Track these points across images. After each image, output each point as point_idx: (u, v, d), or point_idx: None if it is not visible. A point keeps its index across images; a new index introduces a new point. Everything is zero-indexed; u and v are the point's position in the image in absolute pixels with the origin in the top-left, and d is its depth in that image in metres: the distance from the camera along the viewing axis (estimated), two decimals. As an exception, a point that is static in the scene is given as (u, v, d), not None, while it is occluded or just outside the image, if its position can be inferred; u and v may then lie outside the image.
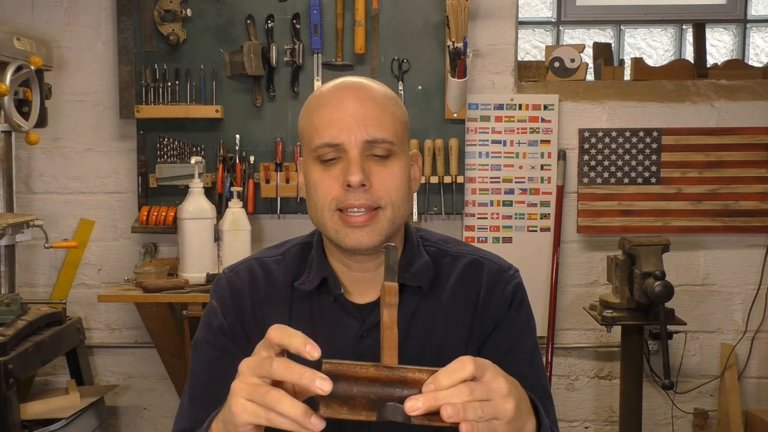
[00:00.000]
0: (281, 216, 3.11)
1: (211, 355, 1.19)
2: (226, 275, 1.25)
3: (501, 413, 0.84)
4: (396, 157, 1.13)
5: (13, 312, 2.43)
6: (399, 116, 1.16)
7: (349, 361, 0.85)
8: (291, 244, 1.27)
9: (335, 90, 1.15)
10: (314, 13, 3.01)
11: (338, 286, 1.18)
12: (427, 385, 0.82)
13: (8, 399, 2.27)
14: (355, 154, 1.10)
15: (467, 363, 0.83)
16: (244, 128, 3.07)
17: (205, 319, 1.23)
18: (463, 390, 0.82)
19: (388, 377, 0.84)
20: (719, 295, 3.24)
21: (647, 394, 3.09)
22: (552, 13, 3.70)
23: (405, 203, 1.15)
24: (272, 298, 1.21)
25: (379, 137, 1.11)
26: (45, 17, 3.12)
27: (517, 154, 3.14)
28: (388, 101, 1.15)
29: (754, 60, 3.72)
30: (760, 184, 3.15)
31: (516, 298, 1.22)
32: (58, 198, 3.18)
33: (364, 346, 1.16)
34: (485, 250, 1.27)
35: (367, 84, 1.16)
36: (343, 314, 1.18)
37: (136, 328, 3.20)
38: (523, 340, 1.21)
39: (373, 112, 1.12)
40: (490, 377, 0.85)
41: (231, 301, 1.21)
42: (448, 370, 0.83)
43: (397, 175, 1.13)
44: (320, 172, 1.13)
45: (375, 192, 1.11)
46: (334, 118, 1.11)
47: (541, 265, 3.17)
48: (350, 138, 1.10)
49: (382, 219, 1.12)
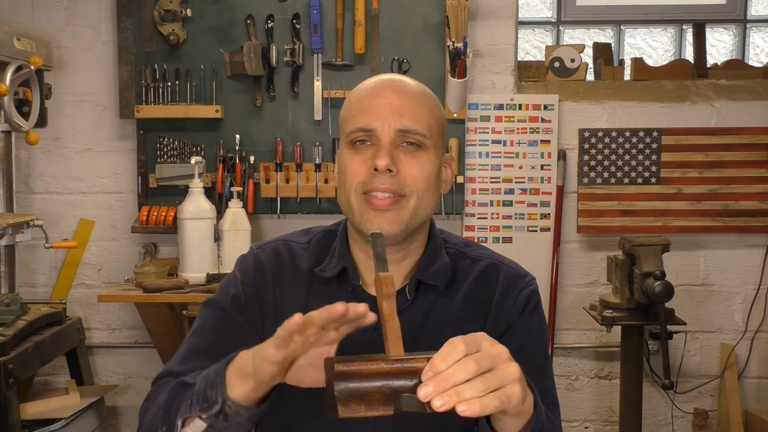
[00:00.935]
0: (281, 216, 3.11)
1: (221, 318, 1.21)
2: (253, 252, 1.28)
3: (508, 376, 0.85)
4: (427, 150, 1.16)
5: (13, 312, 2.42)
6: (435, 114, 1.19)
7: (359, 358, 0.86)
8: (316, 232, 1.30)
9: (377, 82, 1.19)
10: (314, 13, 3.01)
11: (357, 277, 1.21)
12: (426, 372, 0.83)
13: (8, 399, 2.27)
14: (386, 141, 1.14)
15: (458, 343, 0.84)
16: (244, 128, 3.07)
17: (224, 285, 1.26)
18: (469, 363, 0.83)
19: (398, 369, 0.85)
20: (719, 295, 3.24)
21: (647, 394, 3.08)
22: (552, 13, 3.70)
23: (431, 197, 1.17)
24: (293, 280, 1.23)
25: (412, 128, 1.14)
26: (45, 17, 3.12)
27: (517, 154, 3.14)
28: (426, 98, 1.19)
29: (754, 60, 3.72)
30: (760, 184, 3.15)
31: (530, 304, 1.23)
32: (58, 198, 3.18)
33: (378, 336, 1.16)
34: (504, 257, 1.29)
35: (407, 80, 1.20)
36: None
37: (136, 328, 3.20)
38: (534, 344, 1.21)
39: (410, 105, 1.15)
40: (488, 346, 0.86)
41: (253, 274, 1.24)
42: (441, 354, 0.83)
43: (426, 167, 1.15)
44: (350, 156, 1.16)
45: (401, 178, 1.13)
46: (372, 106, 1.15)
47: (541, 265, 3.17)
48: (383, 125, 1.14)
49: (405, 207, 1.14)
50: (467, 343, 0.84)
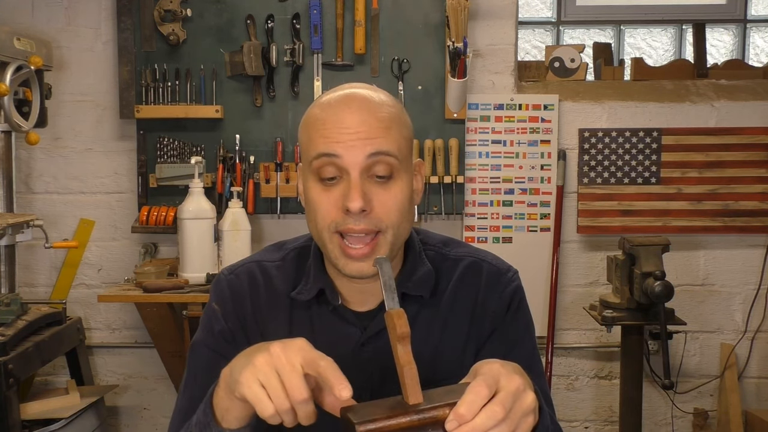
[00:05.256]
0: (281, 216, 3.11)
1: (212, 359, 1.17)
2: (226, 277, 1.23)
3: (526, 409, 0.85)
4: (398, 177, 1.09)
5: (13, 312, 2.43)
6: (403, 132, 1.11)
7: (377, 408, 0.83)
8: (289, 248, 1.25)
9: (339, 100, 1.10)
10: (314, 13, 3.01)
11: (336, 297, 1.16)
12: (450, 422, 0.81)
13: (8, 399, 2.27)
14: (355, 177, 1.06)
15: (481, 389, 0.82)
16: (244, 128, 3.07)
17: (205, 321, 1.21)
18: (496, 411, 0.82)
19: (421, 421, 0.82)
20: (719, 295, 3.24)
21: (647, 394, 3.09)
22: (552, 13, 3.70)
23: (406, 223, 1.12)
24: (273, 305, 1.19)
25: (384, 149, 1.07)
26: (45, 17, 3.12)
27: (517, 154, 3.14)
28: (392, 114, 1.10)
29: (754, 60, 3.72)
30: (760, 184, 3.15)
31: (514, 301, 1.21)
32: (58, 198, 3.18)
33: (365, 354, 1.15)
34: (485, 251, 1.26)
35: (370, 94, 1.11)
36: (343, 323, 1.17)
37: (136, 328, 3.20)
38: (521, 343, 1.20)
39: (377, 126, 1.07)
40: (506, 382, 0.85)
41: (232, 304, 1.20)
42: (465, 402, 0.82)
43: (399, 198, 1.09)
44: (319, 193, 1.09)
45: (375, 216, 1.07)
46: (335, 130, 1.07)
47: (541, 265, 3.17)
48: (350, 155, 1.06)
49: (382, 244, 1.09)
50: (489, 386, 0.83)
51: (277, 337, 0.92)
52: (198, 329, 1.23)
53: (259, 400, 0.86)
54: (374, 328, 1.16)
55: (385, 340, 1.15)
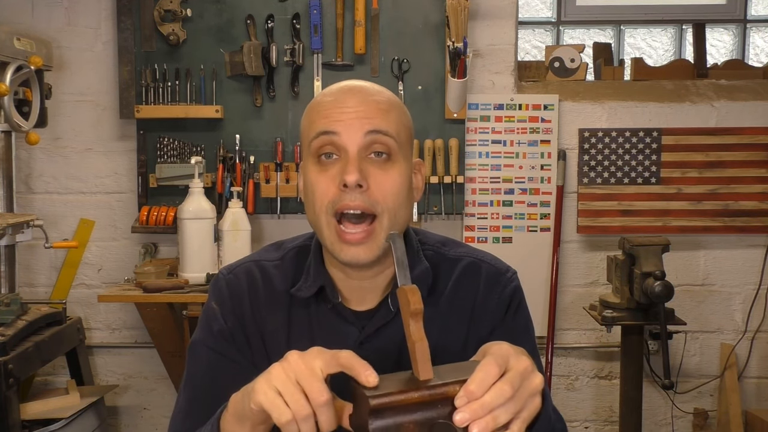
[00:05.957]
0: (281, 216, 3.11)
1: (211, 358, 1.17)
2: (225, 277, 1.23)
3: (533, 390, 0.86)
4: (396, 161, 1.11)
5: (13, 312, 2.43)
6: (403, 120, 1.14)
7: (390, 382, 0.83)
8: (288, 247, 1.25)
9: (337, 90, 1.13)
10: (314, 13, 3.01)
11: (336, 294, 1.16)
12: (460, 398, 0.81)
13: (8, 399, 2.27)
14: (353, 153, 1.08)
15: (491, 368, 0.83)
16: (244, 128, 3.07)
17: (204, 321, 1.21)
18: (505, 389, 0.82)
19: (431, 397, 0.82)
20: (719, 295, 3.24)
21: (647, 394, 3.09)
22: (552, 13, 3.70)
23: (404, 211, 1.12)
24: (271, 304, 1.19)
25: (382, 128, 1.09)
26: (45, 17, 3.12)
27: (517, 154, 3.14)
28: (392, 103, 1.13)
29: (754, 60, 3.72)
30: (760, 184, 3.15)
31: (514, 302, 1.21)
32: (58, 198, 3.18)
33: (364, 353, 1.15)
34: (483, 251, 1.26)
35: (372, 85, 1.15)
36: (341, 321, 1.17)
37: (136, 328, 3.20)
38: (521, 344, 1.18)
39: (376, 108, 1.10)
40: (515, 361, 0.86)
41: (231, 303, 1.19)
42: (476, 380, 0.82)
43: (397, 181, 1.10)
44: (317, 173, 1.10)
45: (372, 195, 1.08)
46: (335, 111, 1.09)
47: (541, 265, 3.17)
48: (349, 131, 1.08)
49: (378, 232, 1.09)
50: (499, 365, 0.84)
51: (276, 336, 0.92)
52: (197, 329, 1.23)
53: (276, 407, 0.85)
54: (372, 327, 1.16)
55: (384, 340, 1.16)
